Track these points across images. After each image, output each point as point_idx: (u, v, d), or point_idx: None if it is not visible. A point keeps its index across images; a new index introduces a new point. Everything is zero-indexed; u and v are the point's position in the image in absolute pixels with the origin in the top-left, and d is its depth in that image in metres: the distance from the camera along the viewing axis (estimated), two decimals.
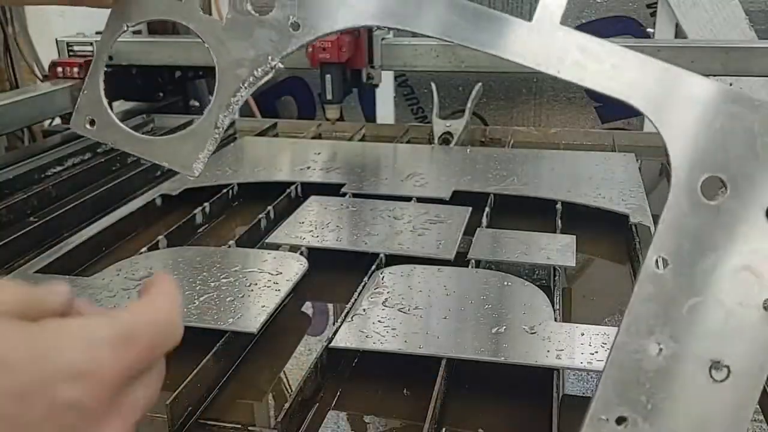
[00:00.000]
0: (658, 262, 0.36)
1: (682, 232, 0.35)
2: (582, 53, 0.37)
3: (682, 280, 0.35)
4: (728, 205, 0.35)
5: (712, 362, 0.35)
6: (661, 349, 0.35)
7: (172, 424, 0.55)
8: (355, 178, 1.05)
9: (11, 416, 0.23)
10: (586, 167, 1.09)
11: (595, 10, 1.59)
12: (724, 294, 0.35)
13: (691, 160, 0.35)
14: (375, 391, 0.62)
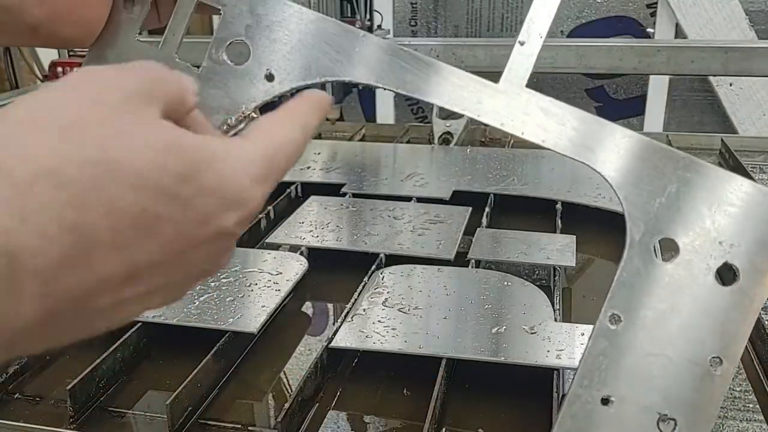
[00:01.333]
0: (612, 319, 0.37)
1: (635, 290, 0.37)
2: (545, 115, 0.38)
3: (633, 336, 0.37)
4: (679, 266, 0.36)
5: (660, 415, 0.37)
6: (612, 401, 0.37)
7: (172, 424, 0.55)
8: (355, 178, 1.05)
9: (192, 238, 0.25)
10: (586, 167, 1.09)
11: (595, 10, 1.59)
12: (673, 350, 0.36)
13: (646, 222, 0.37)
14: (375, 391, 0.62)
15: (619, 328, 0.37)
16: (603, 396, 0.37)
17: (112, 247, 0.23)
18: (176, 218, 0.24)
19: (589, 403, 0.37)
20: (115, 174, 0.23)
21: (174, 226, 0.24)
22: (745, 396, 0.61)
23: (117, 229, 0.23)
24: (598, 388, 0.37)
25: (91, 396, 0.59)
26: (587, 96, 1.65)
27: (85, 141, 0.23)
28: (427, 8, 1.66)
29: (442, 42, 1.40)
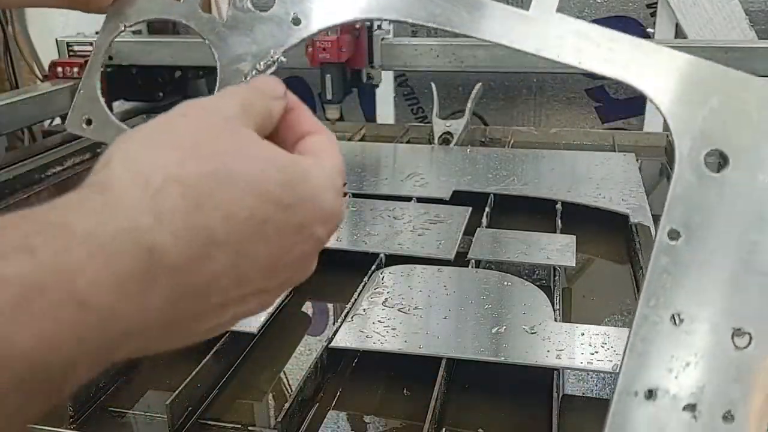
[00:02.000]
0: (671, 235, 0.37)
1: (690, 203, 0.37)
2: (579, 38, 0.38)
3: (694, 250, 0.36)
4: (731, 176, 0.36)
5: (734, 329, 0.36)
6: (682, 319, 0.36)
7: (172, 424, 0.55)
8: (355, 178, 1.05)
9: (290, 243, 0.28)
10: (586, 167, 1.09)
11: (595, 10, 1.59)
12: (737, 261, 0.36)
13: (692, 136, 0.37)
14: (375, 391, 0.62)
15: (679, 243, 0.37)
16: (672, 314, 0.36)
17: (227, 246, 0.26)
18: (280, 223, 0.27)
19: (658, 323, 0.36)
20: (229, 182, 0.26)
21: (277, 230, 0.27)
22: None
23: (232, 231, 0.26)
24: (665, 306, 0.36)
25: (91, 396, 0.59)
26: (587, 96, 1.65)
27: (202, 155, 0.26)
28: None
29: (442, 42, 1.40)
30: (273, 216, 0.27)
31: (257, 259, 0.27)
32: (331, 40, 1.19)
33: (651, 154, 1.27)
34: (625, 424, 0.38)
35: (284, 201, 0.27)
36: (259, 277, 0.28)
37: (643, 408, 0.37)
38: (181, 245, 0.24)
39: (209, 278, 0.26)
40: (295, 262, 0.30)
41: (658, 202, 1.03)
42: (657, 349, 0.36)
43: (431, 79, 1.40)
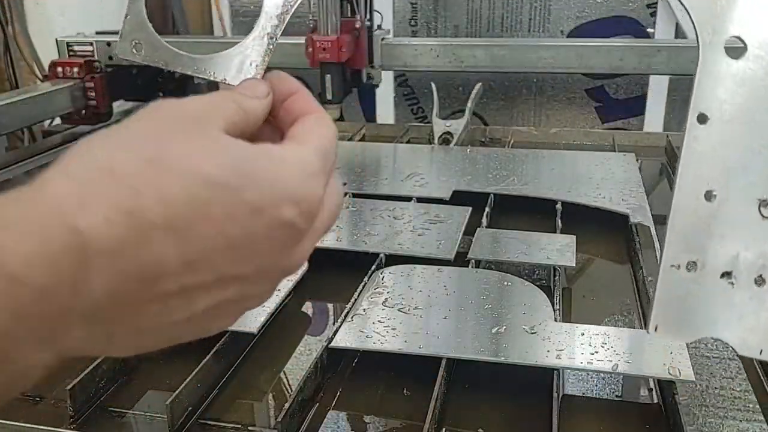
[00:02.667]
0: (699, 118, 0.40)
1: (714, 88, 0.40)
2: None
3: (722, 131, 0.40)
4: (749, 61, 0.40)
5: (760, 201, 0.40)
6: (714, 195, 0.40)
7: (172, 424, 0.55)
8: (355, 178, 1.05)
9: (248, 227, 0.27)
10: (586, 167, 1.09)
11: (595, 10, 1.59)
12: (759, 139, 0.40)
13: (713, 25, 0.40)
14: (375, 391, 0.62)
15: (707, 126, 0.40)
16: (704, 191, 0.40)
17: (166, 229, 0.25)
18: (228, 206, 0.26)
19: (694, 201, 0.40)
20: (167, 168, 0.26)
21: (226, 213, 0.26)
22: (746, 396, 0.61)
23: (170, 214, 0.25)
24: (699, 185, 0.40)
25: (91, 396, 0.59)
26: (587, 96, 1.65)
27: (141, 145, 0.26)
28: (427, 8, 1.66)
29: (442, 42, 1.40)
30: (218, 198, 0.26)
31: (207, 242, 0.26)
32: (331, 40, 1.19)
33: (651, 154, 1.27)
34: (670, 296, 0.41)
35: (230, 183, 0.27)
36: (219, 261, 0.27)
37: (685, 279, 0.41)
38: (114, 229, 0.24)
39: (152, 262, 0.25)
40: (267, 248, 0.29)
41: (658, 202, 1.03)
42: (694, 224, 0.41)
43: (431, 79, 1.40)
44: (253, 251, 0.28)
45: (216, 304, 0.28)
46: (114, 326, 0.26)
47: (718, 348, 0.68)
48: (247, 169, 0.27)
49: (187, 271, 0.26)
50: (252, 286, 0.29)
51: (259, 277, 0.29)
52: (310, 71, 1.38)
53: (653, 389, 0.62)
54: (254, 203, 0.27)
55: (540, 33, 1.62)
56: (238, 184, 0.27)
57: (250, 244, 0.28)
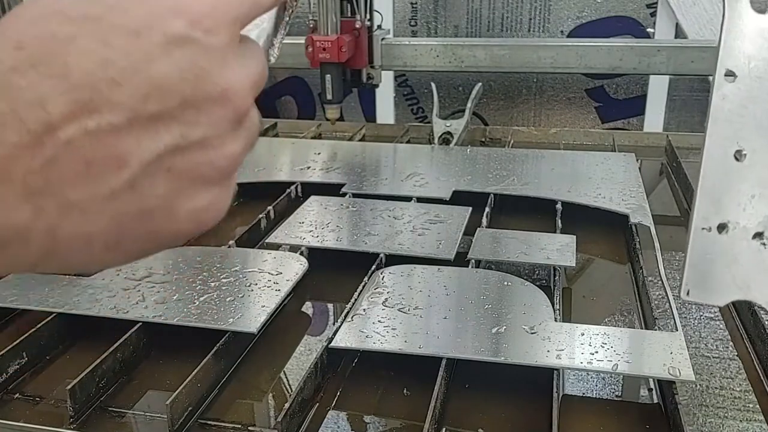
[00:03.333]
0: (727, 75, 0.40)
1: (740, 45, 0.39)
2: None
3: (750, 87, 0.39)
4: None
5: None
6: (744, 154, 0.40)
7: (172, 424, 0.55)
8: (355, 178, 1.05)
9: (133, 51, 0.24)
10: (586, 167, 1.09)
11: (595, 10, 1.59)
12: None
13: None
14: (375, 391, 0.62)
15: (735, 82, 0.39)
16: (734, 150, 0.39)
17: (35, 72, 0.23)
18: (95, 34, 0.24)
19: (724, 159, 0.39)
20: (12, 17, 0.24)
21: (95, 41, 0.24)
22: (745, 396, 0.61)
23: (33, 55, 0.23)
24: (729, 144, 0.39)
25: (91, 396, 0.59)
26: (587, 96, 1.65)
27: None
28: (427, 8, 1.66)
29: (442, 42, 1.40)
30: (82, 30, 0.24)
31: (88, 76, 0.23)
32: (331, 40, 1.19)
33: (651, 154, 1.27)
34: (701, 258, 0.41)
35: (92, 12, 0.24)
36: (119, 96, 0.23)
37: (716, 241, 0.40)
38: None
39: (32, 101, 0.22)
40: (180, 71, 0.25)
41: (658, 202, 1.03)
42: (724, 185, 0.40)
43: (431, 79, 1.40)
44: (158, 79, 0.24)
45: (156, 158, 0.24)
46: (42, 198, 0.23)
47: (718, 348, 0.68)
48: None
49: (82, 110, 0.23)
50: (188, 127, 0.25)
51: (188, 111, 0.25)
52: (310, 71, 1.38)
53: (653, 389, 0.62)
54: (128, 26, 0.24)
55: (540, 33, 1.62)
56: (99, 13, 0.24)
57: (149, 71, 0.24)
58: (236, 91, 0.26)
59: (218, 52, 0.26)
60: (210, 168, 0.26)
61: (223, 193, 0.28)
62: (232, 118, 0.26)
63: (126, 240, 0.25)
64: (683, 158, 1.13)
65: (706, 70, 1.33)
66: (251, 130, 0.28)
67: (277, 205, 0.98)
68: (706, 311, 0.74)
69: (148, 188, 0.25)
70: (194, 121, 0.25)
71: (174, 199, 0.26)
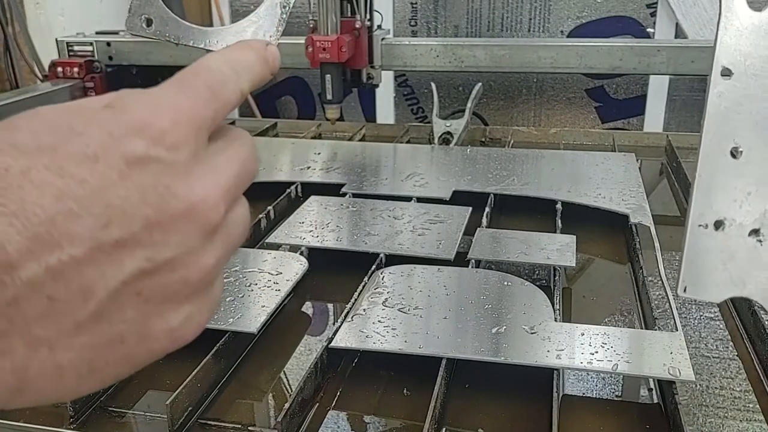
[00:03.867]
0: (723, 72, 0.40)
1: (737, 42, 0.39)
2: None
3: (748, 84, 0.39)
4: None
5: None
6: (741, 151, 0.40)
7: (172, 424, 0.55)
8: (355, 178, 1.05)
9: (90, 179, 0.23)
10: (586, 167, 1.09)
11: (595, 10, 1.59)
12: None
13: None
14: (375, 391, 0.62)
15: (731, 80, 0.39)
16: (731, 148, 0.40)
17: None
18: (49, 165, 0.23)
19: (720, 158, 0.40)
20: None
21: (49, 172, 0.23)
22: (745, 396, 0.61)
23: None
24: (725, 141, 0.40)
25: (91, 396, 0.59)
26: (587, 96, 1.65)
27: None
28: (427, 8, 1.66)
29: (442, 42, 1.40)
30: (36, 162, 0.23)
31: (44, 209, 0.22)
32: (331, 40, 1.19)
33: (651, 154, 1.27)
34: (698, 255, 0.41)
35: (46, 143, 0.23)
36: (78, 227, 0.22)
37: (712, 238, 0.40)
38: None
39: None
40: (141, 193, 0.24)
41: (658, 202, 1.03)
42: (720, 182, 0.40)
43: (431, 79, 1.40)
44: (118, 205, 0.23)
45: (123, 284, 0.24)
46: (7, 339, 0.22)
47: (718, 348, 0.68)
48: (63, 125, 0.24)
49: (41, 247, 0.22)
50: (155, 249, 0.24)
51: (153, 234, 0.24)
52: (310, 71, 1.38)
53: (653, 389, 0.62)
54: (83, 153, 0.23)
55: (540, 33, 1.62)
56: (53, 142, 0.23)
57: (108, 197, 0.23)
58: (204, 202, 0.25)
59: (183, 167, 0.25)
60: (182, 286, 0.25)
61: (201, 306, 0.27)
62: (202, 232, 0.25)
63: (99, 368, 0.25)
64: (683, 158, 1.13)
65: (706, 70, 1.32)
66: (230, 236, 0.27)
67: (277, 205, 0.98)
68: (706, 311, 0.74)
69: (116, 315, 0.24)
70: (161, 242, 0.24)
71: (146, 323, 0.25)
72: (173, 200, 0.24)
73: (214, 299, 0.28)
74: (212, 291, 0.27)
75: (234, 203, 0.28)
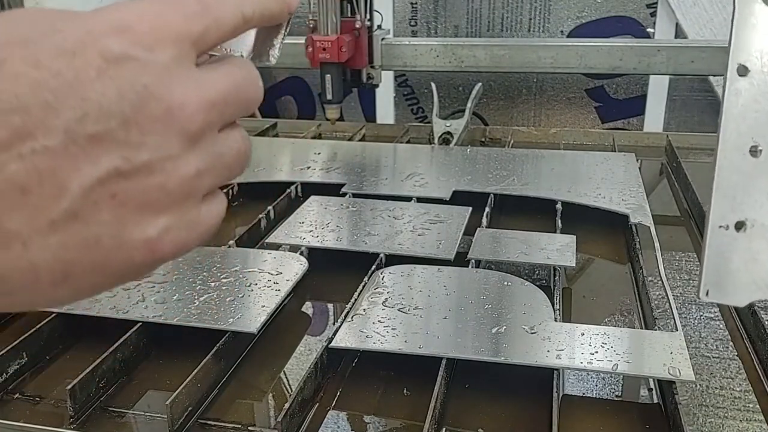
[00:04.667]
0: (740, 71, 0.39)
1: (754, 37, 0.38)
2: None
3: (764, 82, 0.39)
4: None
5: None
6: (760, 150, 0.39)
7: (172, 424, 0.55)
8: (355, 178, 1.05)
9: (66, 72, 0.23)
10: (586, 167, 1.09)
11: (595, 10, 1.59)
12: None
13: None
14: (375, 391, 0.62)
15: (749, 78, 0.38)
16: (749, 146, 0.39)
17: None
18: (25, 56, 0.23)
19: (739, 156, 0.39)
20: None
21: (25, 63, 0.22)
22: (745, 396, 0.61)
23: None
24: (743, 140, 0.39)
25: (91, 396, 0.59)
26: (587, 96, 1.65)
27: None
28: (427, 8, 1.66)
29: (442, 42, 1.40)
30: (12, 53, 0.23)
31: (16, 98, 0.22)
32: (331, 40, 1.19)
33: (651, 154, 1.27)
34: (719, 258, 0.40)
35: (25, 35, 0.23)
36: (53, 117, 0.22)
37: (734, 240, 0.39)
38: None
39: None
40: (120, 90, 0.23)
41: (658, 202, 1.03)
42: (741, 182, 0.39)
43: (431, 79, 1.40)
44: (92, 99, 0.23)
45: (98, 182, 0.23)
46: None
47: (718, 348, 0.68)
48: (46, 21, 0.24)
49: (15, 136, 0.22)
50: (131, 149, 0.24)
51: (130, 132, 0.24)
52: (310, 71, 1.38)
53: (653, 389, 0.62)
54: (62, 47, 0.23)
55: (540, 33, 1.62)
56: (33, 35, 0.23)
57: (85, 91, 0.23)
58: (184, 107, 0.25)
59: (162, 68, 0.24)
60: (160, 193, 0.25)
61: (182, 221, 0.26)
62: (180, 138, 0.25)
63: (74, 273, 0.24)
64: (683, 158, 1.14)
65: (706, 70, 1.33)
66: (220, 156, 0.27)
67: (277, 205, 0.98)
68: (706, 311, 0.74)
69: (91, 216, 0.23)
70: (138, 143, 0.24)
71: (122, 228, 0.24)
72: (152, 101, 0.24)
73: (201, 221, 0.27)
74: (198, 209, 0.27)
75: (227, 125, 0.27)
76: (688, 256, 0.86)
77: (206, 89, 0.26)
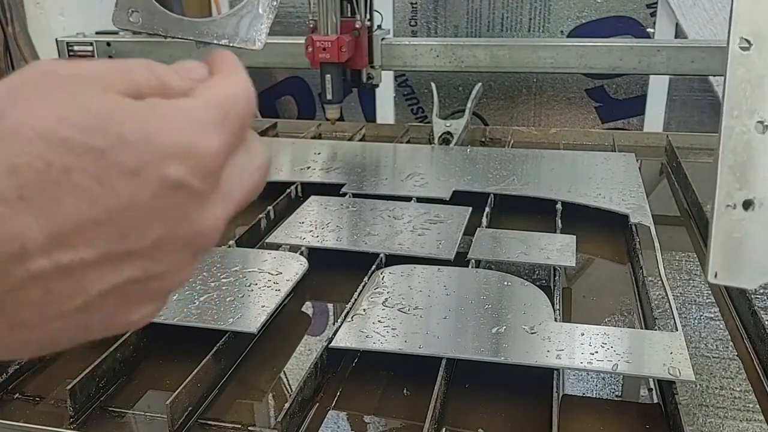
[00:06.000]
0: (742, 44, 0.37)
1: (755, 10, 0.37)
2: None
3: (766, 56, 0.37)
4: None
5: None
6: (766, 126, 0.37)
7: (172, 424, 0.55)
8: (355, 178, 1.05)
9: (124, 192, 0.24)
10: (586, 167, 1.09)
11: (595, 10, 1.59)
12: None
13: None
14: (375, 391, 0.62)
15: (751, 52, 0.37)
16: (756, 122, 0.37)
17: (20, 202, 0.22)
18: (94, 171, 0.23)
19: (745, 132, 0.37)
20: (14, 134, 0.22)
21: (94, 178, 0.23)
22: (745, 396, 0.61)
23: (22, 185, 0.22)
24: (748, 116, 0.37)
25: (91, 396, 0.59)
26: (587, 96, 1.65)
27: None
28: (427, 8, 1.66)
29: (442, 42, 1.40)
30: (79, 164, 0.23)
31: (74, 213, 0.23)
32: (331, 40, 1.19)
33: (651, 154, 1.27)
34: (728, 239, 0.38)
35: (93, 145, 0.23)
36: (98, 235, 0.23)
37: (742, 219, 0.38)
38: None
39: (10, 237, 0.22)
40: (163, 215, 0.25)
41: (658, 202, 1.03)
42: (747, 159, 0.37)
43: (431, 79, 1.40)
44: (140, 221, 0.24)
45: (113, 288, 0.25)
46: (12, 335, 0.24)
47: (718, 348, 0.68)
48: (114, 128, 0.23)
49: (58, 246, 0.23)
50: (153, 263, 0.25)
51: (158, 251, 0.25)
52: (310, 71, 1.38)
53: (653, 389, 0.62)
54: (127, 165, 0.23)
55: (540, 33, 1.62)
56: (102, 146, 0.23)
57: (134, 212, 0.24)
58: (208, 233, 0.27)
59: (205, 195, 0.26)
60: (158, 292, 0.27)
61: (160, 304, 0.28)
62: (195, 255, 0.27)
63: (54, 345, 0.26)
64: (683, 158, 1.13)
65: (706, 70, 1.33)
66: (205, 255, 0.29)
67: (277, 205, 0.98)
68: (706, 311, 0.74)
69: (96, 309, 0.25)
70: (160, 258, 0.25)
71: (114, 316, 0.26)
72: (185, 225, 0.25)
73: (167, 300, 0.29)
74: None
75: None
76: (688, 256, 0.86)
77: (230, 205, 0.28)
